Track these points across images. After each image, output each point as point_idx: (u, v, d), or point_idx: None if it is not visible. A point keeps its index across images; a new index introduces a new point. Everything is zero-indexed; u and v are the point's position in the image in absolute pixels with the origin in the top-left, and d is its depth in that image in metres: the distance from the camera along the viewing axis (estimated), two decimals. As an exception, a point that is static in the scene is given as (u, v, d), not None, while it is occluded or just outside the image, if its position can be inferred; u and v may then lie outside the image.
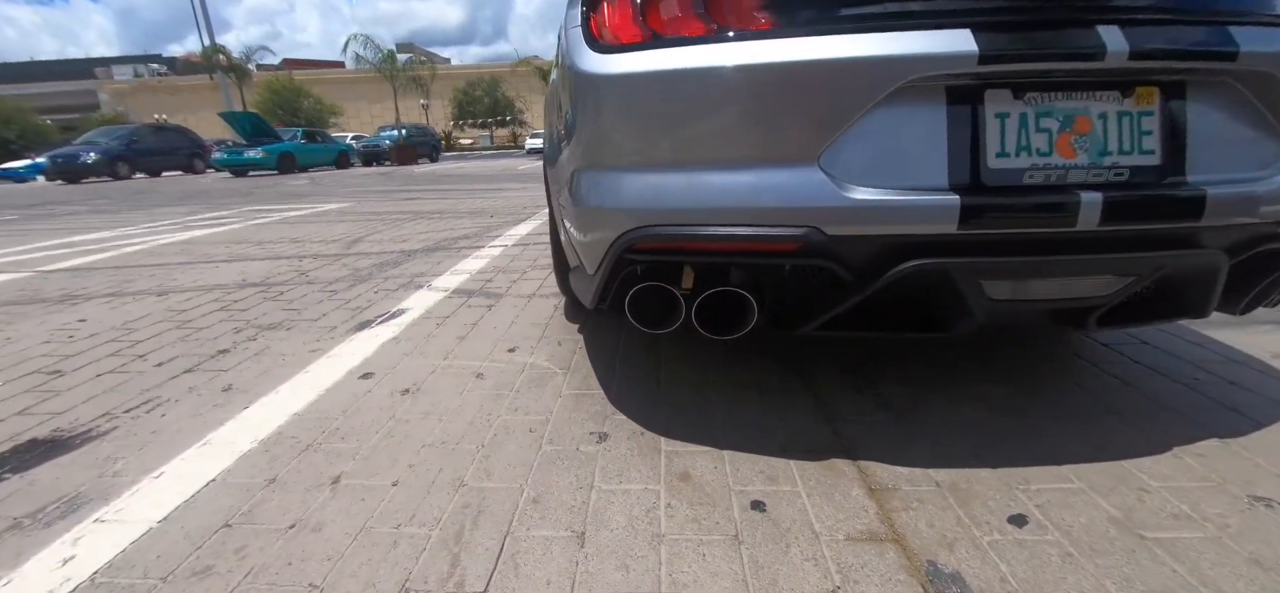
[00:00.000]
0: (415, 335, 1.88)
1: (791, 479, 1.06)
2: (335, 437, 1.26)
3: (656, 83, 0.94)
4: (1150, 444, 1.13)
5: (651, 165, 0.99)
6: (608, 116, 1.01)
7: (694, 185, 0.96)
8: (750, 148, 0.91)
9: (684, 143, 0.95)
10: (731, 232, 0.94)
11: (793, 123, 0.89)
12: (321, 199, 7.15)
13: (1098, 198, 0.86)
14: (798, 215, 0.91)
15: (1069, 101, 0.87)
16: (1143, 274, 0.94)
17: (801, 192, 0.90)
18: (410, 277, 2.68)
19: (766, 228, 0.93)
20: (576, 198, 1.12)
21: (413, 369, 1.61)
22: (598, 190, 1.06)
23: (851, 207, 0.88)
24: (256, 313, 2.21)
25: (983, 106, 0.87)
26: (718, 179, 0.94)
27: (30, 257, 3.69)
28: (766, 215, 0.93)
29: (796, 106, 0.88)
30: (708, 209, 0.96)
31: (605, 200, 1.05)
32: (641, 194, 1.00)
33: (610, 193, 1.04)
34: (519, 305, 2.17)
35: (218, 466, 1.16)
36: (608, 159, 1.03)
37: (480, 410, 1.36)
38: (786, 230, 0.92)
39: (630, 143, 1.00)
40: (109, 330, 2.07)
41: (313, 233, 4.21)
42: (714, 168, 0.94)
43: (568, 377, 1.52)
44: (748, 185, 0.93)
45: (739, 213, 0.94)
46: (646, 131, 0.98)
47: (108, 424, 1.37)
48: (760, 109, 0.89)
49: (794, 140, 0.89)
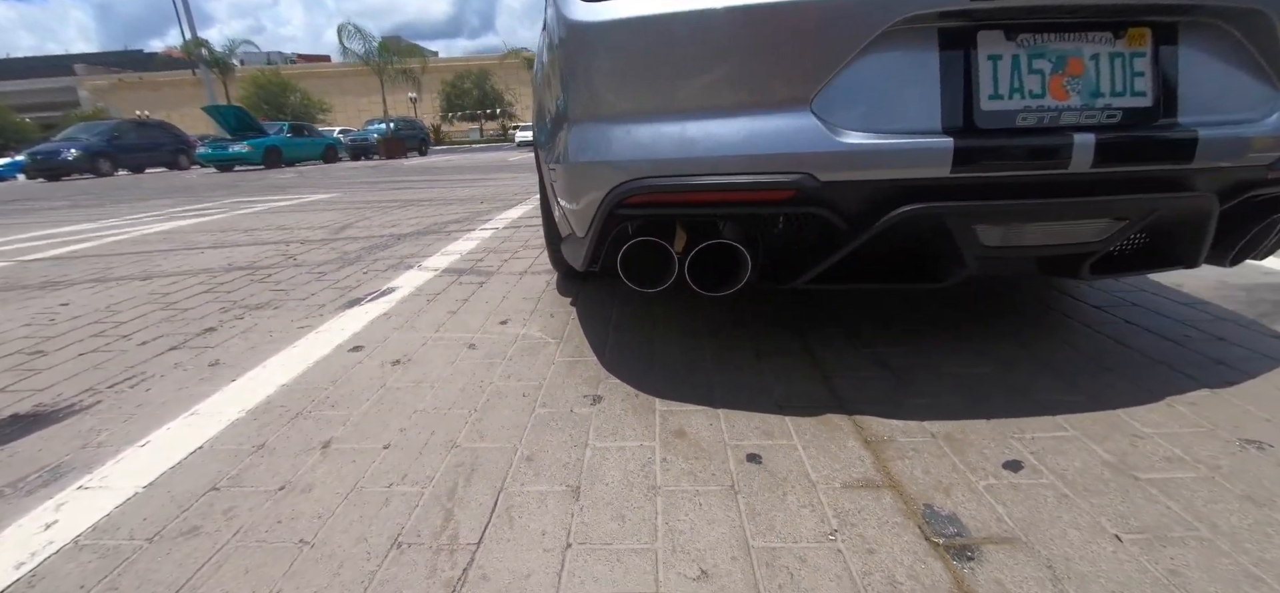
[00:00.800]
0: (406, 311, 1.86)
1: (787, 434, 1.05)
2: (325, 405, 1.24)
3: (645, 28, 0.93)
4: (1142, 395, 1.13)
5: (642, 116, 0.98)
6: (597, 66, 0.99)
7: (685, 135, 0.95)
8: (742, 93, 0.90)
9: (674, 90, 0.94)
10: (724, 180, 0.93)
11: (784, 66, 0.88)
12: (309, 191, 7.06)
13: (1090, 140, 0.86)
14: (791, 161, 0.90)
15: (1061, 43, 0.86)
16: (1134, 218, 0.94)
17: (794, 137, 0.89)
18: (400, 258, 2.65)
19: (759, 176, 0.92)
20: (567, 156, 1.10)
21: (404, 342, 1.59)
22: (588, 144, 1.04)
23: (844, 151, 0.88)
24: (243, 294, 2.18)
25: (975, 49, 0.86)
26: (709, 127, 0.93)
27: (10, 248, 3.61)
28: (759, 163, 0.92)
29: (787, 49, 0.87)
30: (699, 159, 0.94)
31: (596, 154, 1.03)
32: (633, 146, 0.99)
33: (601, 146, 1.02)
34: (511, 282, 2.15)
35: (204, 434, 1.14)
36: (598, 111, 1.01)
37: (472, 378, 1.34)
38: (779, 177, 0.90)
39: (620, 93, 0.98)
40: (92, 313, 2.03)
41: (300, 221, 4.15)
42: (705, 115, 0.93)
43: (561, 346, 1.51)
44: (740, 133, 0.92)
45: (731, 161, 0.93)
46: (636, 79, 0.96)
47: (91, 399, 1.34)
48: (751, 52, 0.88)
49: (786, 85, 0.88)
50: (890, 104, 0.88)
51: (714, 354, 1.39)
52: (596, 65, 1.00)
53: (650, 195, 0.99)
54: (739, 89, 0.91)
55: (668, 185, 0.97)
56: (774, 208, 0.95)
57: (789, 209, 0.94)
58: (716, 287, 1.08)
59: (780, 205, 0.94)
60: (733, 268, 1.07)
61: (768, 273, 1.08)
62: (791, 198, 0.92)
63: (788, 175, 0.91)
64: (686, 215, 1.03)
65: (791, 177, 0.90)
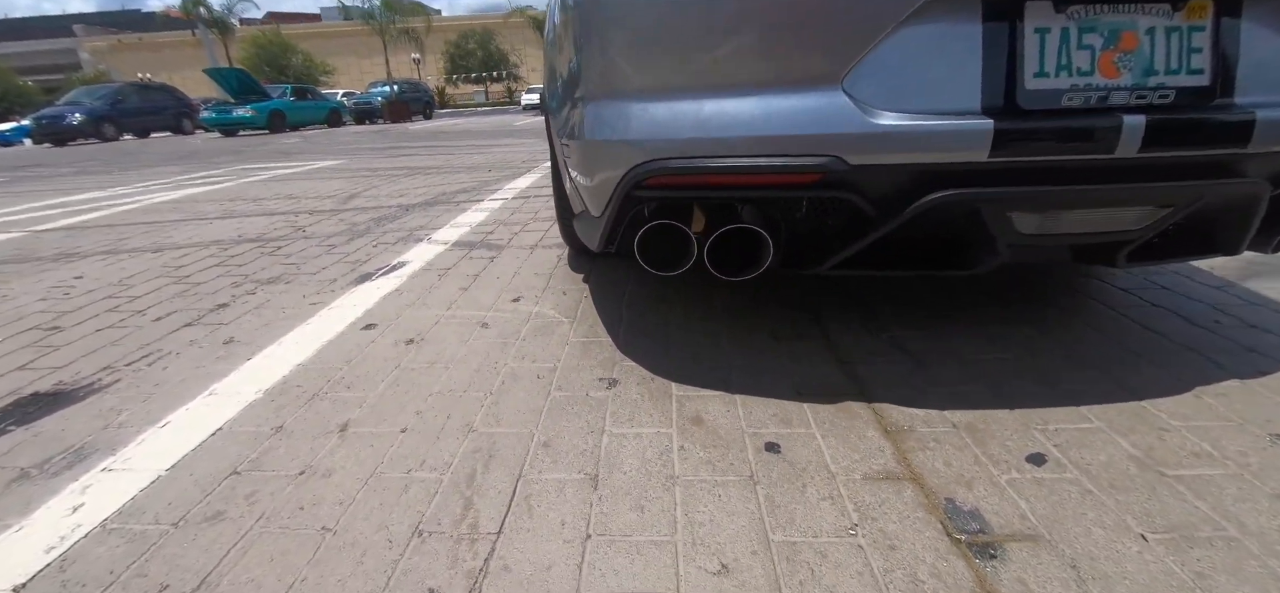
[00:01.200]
0: (417, 287, 1.85)
1: (806, 422, 1.04)
2: (341, 386, 1.24)
3: None
4: (1170, 385, 1.11)
5: (662, 92, 0.94)
6: (614, 36, 0.95)
7: (708, 114, 0.91)
8: (769, 69, 0.86)
9: (696, 64, 0.89)
10: (747, 163, 0.90)
11: (815, 40, 0.83)
12: (314, 157, 7.01)
13: (1140, 122, 0.81)
14: (819, 143, 0.86)
15: (1115, 15, 0.81)
16: (1180, 205, 0.90)
17: (824, 117, 0.85)
18: (409, 230, 2.63)
19: (785, 158, 0.88)
20: (581, 132, 1.07)
21: (416, 319, 1.58)
22: (604, 122, 1.00)
23: (877, 133, 0.83)
24: (254, 267, 2.18)
25: (1021, 21, 0.81)
26: (733, 106, 0.89)
27: (23, 217, 3.62)
28: (785, 144, 0.88)
29: (820, 20, 0.82)
30: (722, 140, 0.91)
31: (613, 132, 1.00)
32: (651, 125, 0.95)
33: (618, 124, 0.98)
34: (521, 256, 2.13)
35: (223, 415, 1.15)
36: (615, 85, 0.97)
37: (486, 359, 1.34)
38: (807, 160, 0.87)
39: (638, 67, 0.94)
40: (106, 286, 2.04)
41: (307, 189, 4.13)
42: (729, 93, 0.89)
43: (574, 325, 1.50)
44: (766, 112, 0.88)
45: (756, 142, 0.89)
46: (656, 53, 0.92)
47: (110, 377, 1.35)
48: (780, 23, 0.83)
49: (816, 60, 0.84)
50: (926, 82, 0.83)
51: (730, 336, 1.38)
52: (613, 35, 0.95)
53: (670, 177, 0.96)
54: (766, 64, 0.86)
55: (688, 167, 0.94)
56: (800, 192, 0.92)
57: (815, 193, 0.91)
58: (736, 271, 1.06)
59: (806, 189, 0.91)
60: (753, 252, 1.04)
61: (790, 258, 1.06)
62: (819, 182, 0.89)
63: (815, 158, 0.87)
64: (707, 198, 1.00)
65: (819, 159, 0.87)
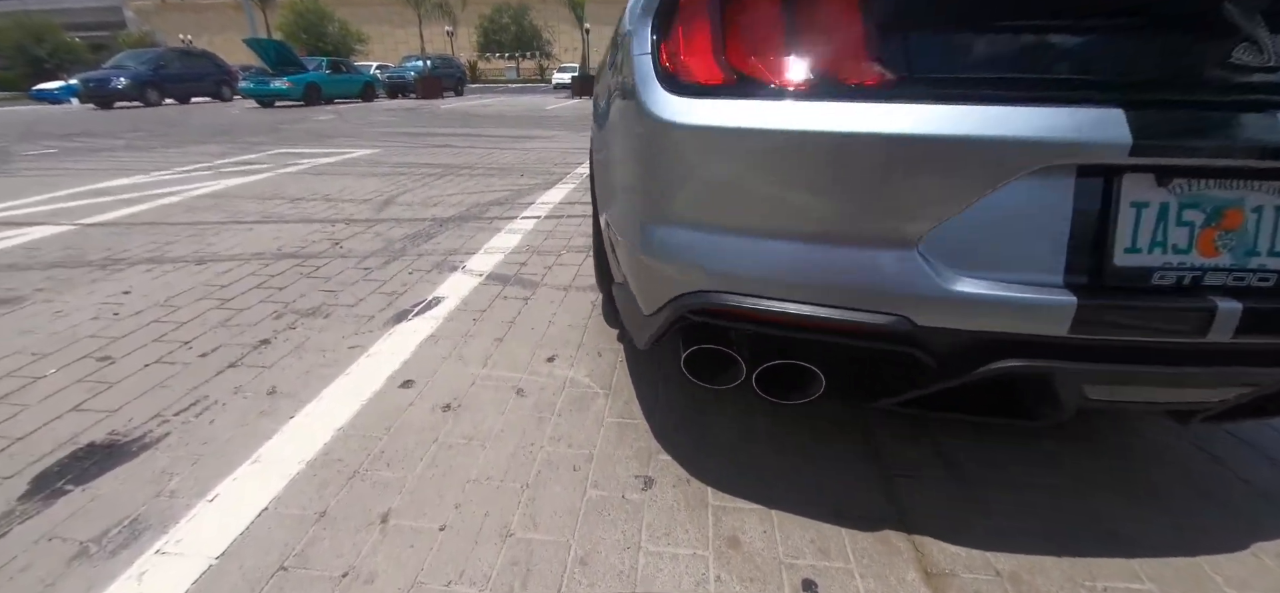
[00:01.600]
0: (453, 334, 1.87)
1: (844, 553, 1.03)
2: (381, 462, 1.27)
3: (742, 140, 0.85)
4: (1233, 538, 1.06)
5: (725, 227, 0.91)
6: (679, 169, 0.92)
7: (771, 254, 0.88)
8: (843, 223, 0.83)
9: (766, 208, 0.86)
10: (808, 311, 0.87)
11: (899, 202, 0.79)
12: (349, 141, 7.09)
13: (1236, 307, 0.76)
14: (887, 300, 0.83)
15: (1222, 191, 0.76)
16: (1266, 387, 0.85)
17: (895, 277, 0.82)
18: (444, 255, 2.65)
19: (848, 311, 0.85)
20: (634, 242, 1.05)
21: (453, 379, 1.60)
22: (660, 244, 0.99)
23: (950, 299, 0.80)
24: (294, 292, 2.22)
25: (1118, 193, 0.76)
26: (800, 252, 0.86)
27: (71, 205, 3.75)
28: (852, 296, 0.85)
29: (907, 185, 0.78)
30: (785, 283, 0.88)
31: (667, 255, 0.98)
32: (710, 255, 0.93)
33: (673, 248, 0.97)
34: (555, 300, 2.13)
35: (269, 491, 1.18)
36: (675, 213, 0.95)
37: (523, 438, 1.34)
38: (871, 317, 0.84)
39: (703, 201, 0.92)
40: (153, 308, 2.10)
41: (344, 188, 4.18)
42: (797, 239, 0.86)
43: (609, 400, 1.50)
44: (834, 262, 0.85)
45: (820, 290, 0.86)
46: (724, 191, 0.89)
47: (160, 429, 1.40)
48: (863, 183, 0.80)
49: (896, 220, 0.80)
50: (1008, 248, 0.79)
51: (768, 432, 1.36)
52: (679, 167, 0.92)
53: (723, 308, 0.94)
54: (841, 218, 0.83)
55: (745, 306, 0.91)
56: (860, 342, 0.89)
57: (877, 346, 0.88)
58: (786, 397, 1.04)
59: (868, 341, 0.88)
60: (805, 382, 1.02)
61: (842, 391, 1.03)
62: (881, 336, 0.86)
63: (881, 315, 0.84)
64: (762, 334, 0.98)
65: (885, 318, 0.84)
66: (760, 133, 0.84)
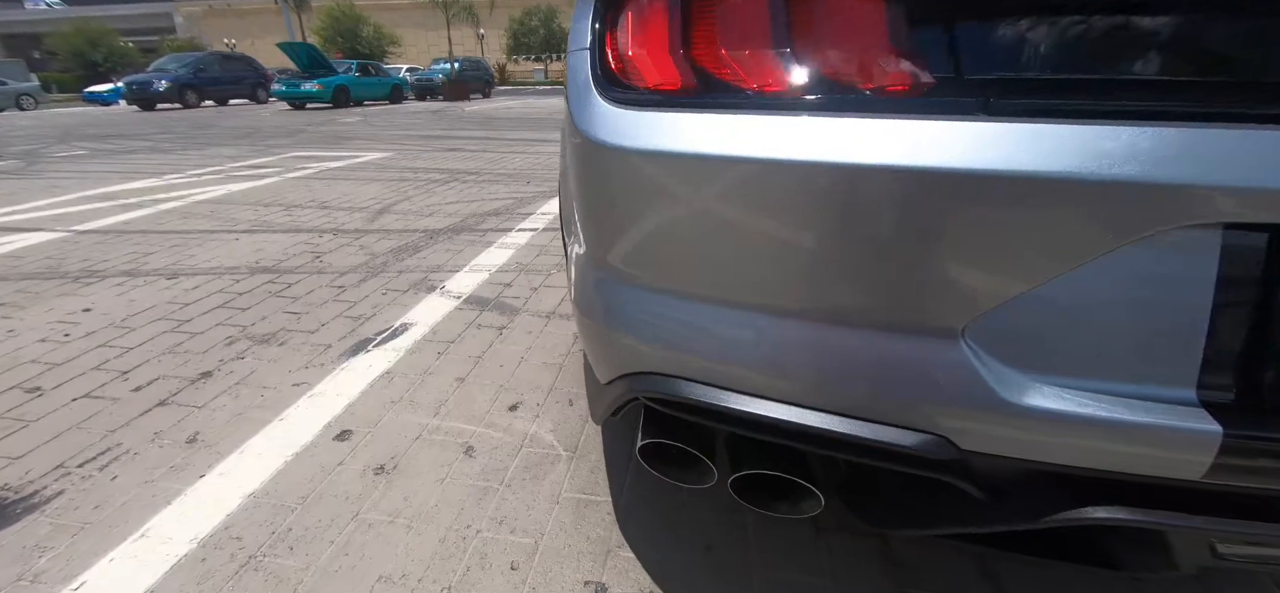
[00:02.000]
0: (411, 370, 1.65)
1: None
2: (283, 543, 1.05)
3: (709, 172, 0.59)
4: None
5: (687, 293, 0.66)
6: (623, 207, 0.67)
7: (750, 334, 0.63)
8: (855, 295, 0.56)
9: (744, 270, 0.61)
10: (800, 419, 0.61)
11: (940, 269, 0.52)
12: (366, 145, 7.03)
13: None
14: (916, 415, 0.56)
15: None
16: None
17: (927, 380, 0.55)
18: (426, 272, 2.45)
19: (859, 422, 0.59)
20: (578, 297, 0.81)
21: (396, 431, 1.37)
22: (605, 304, 0.74)
23: (1011, 415, 0.53)
24: (256, 314, 2.04)
25: None
26: (791, 334, 0.60)
27: (74, 210, 3.71)
28: (864, 402, 0.59)
29: (954, 244, 0.51)
30: (768, 376, 0.62)
31: (613, 321, 0.73)
32: (666, 327, 0.68)
33: (622, 312, 0.72)
34: (534, 329, 1.90)
35: (140, 583, 0.97)
36: (620, 266, 0.70)
37: (459, 518, 1.11)
38: (892, 434, 0.57)
39: (656, 253, 0.66)
40: (106, 328, 1.95)
41: (343, 195, 4.05)
42: (787, 315, 0.60)
43: (572, 465, 1.25)
44: (840, 352, 0.58)
45: (819, 390, 0.60)
46: (685, 242, 0.63)
47: (56, 485, 1.21)
48: (887, 239, 0.53)
49: (933, 300, 0.53)
50: (1107, 342, 0.51)
51: (759, 525, 1.09)
52: (624, 210, 0.67)
53: (682, 401, 0.69)
54: (851, 290, 0.56)
55: (710, 403, 0.66)
56: (878, 462, 0.62)
57: (904, 469, 0.61)
58: (770, 505, 0.77)
59: (889, 463, 0.61)
60: (797, 493, 0.76)
61: (849, 516, 0.76)
62: (905, 461, 0.59)
63: (908, 435, 0.57)
64: (741, 437, 0.72)
65: (913, 438, 0.57)
66: (734, 162, 0.58)
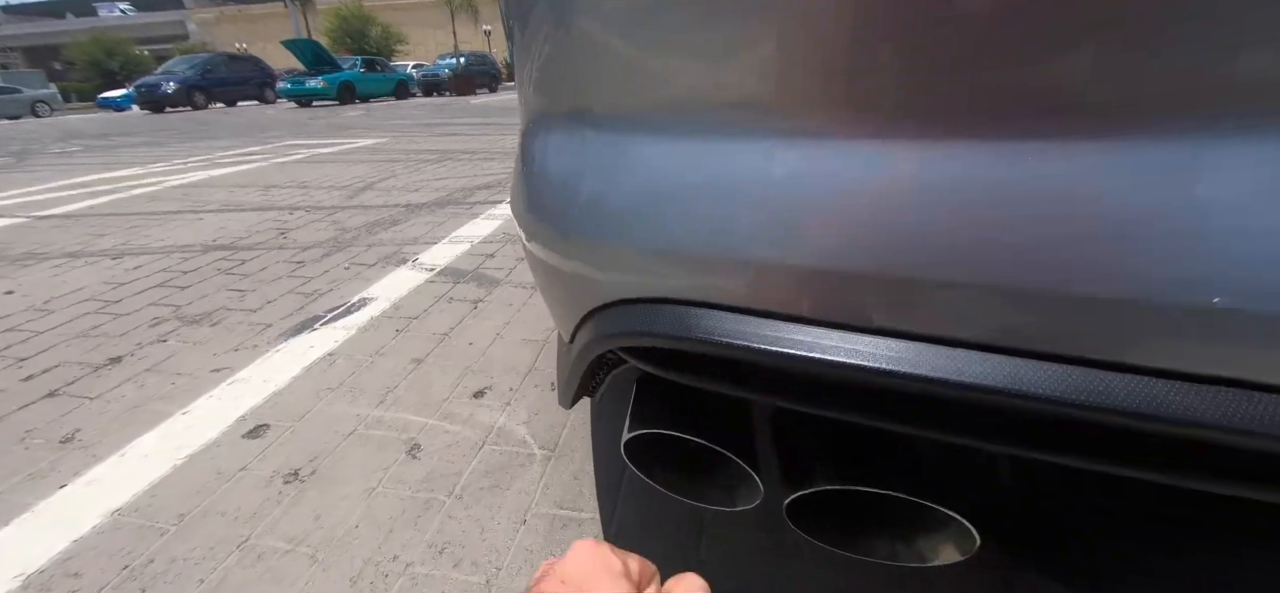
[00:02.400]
0: (361, 351, 1.34)
1: None
2: (134, 585, 0.74)
3: None
4: None
5: (675, 109, 0.34)
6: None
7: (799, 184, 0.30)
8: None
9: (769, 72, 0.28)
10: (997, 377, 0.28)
11: None
12: (363, 134, 6.78)
13: None
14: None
15: None
16: None
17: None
18: (398, 244, 2.15)
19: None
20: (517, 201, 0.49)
21: (325, 425, 1.07)
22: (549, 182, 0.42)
23: None
24: (195, 293, 1.75)
25: None
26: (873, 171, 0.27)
27: (41, 197, 3.47)
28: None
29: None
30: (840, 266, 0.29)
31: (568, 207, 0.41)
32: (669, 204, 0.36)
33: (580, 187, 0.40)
34: (516, 301, 1.58)
35: (-86, 648, 0.67)
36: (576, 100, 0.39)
37: (383, 545, 0.79)
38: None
39: (629, 74, 0.34)
40: (22, 312, 1.67)
41: (327, 175, 3.78)
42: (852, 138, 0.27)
43: (549, 468, 0.93)
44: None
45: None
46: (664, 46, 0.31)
47: (-127, 501, 0.92)
48: None
49: None
50: None
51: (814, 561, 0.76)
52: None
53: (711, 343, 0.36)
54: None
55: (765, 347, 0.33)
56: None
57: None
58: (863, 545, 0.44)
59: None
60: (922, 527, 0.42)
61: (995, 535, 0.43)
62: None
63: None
64: (817, 419, 0.39)
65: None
66: None
